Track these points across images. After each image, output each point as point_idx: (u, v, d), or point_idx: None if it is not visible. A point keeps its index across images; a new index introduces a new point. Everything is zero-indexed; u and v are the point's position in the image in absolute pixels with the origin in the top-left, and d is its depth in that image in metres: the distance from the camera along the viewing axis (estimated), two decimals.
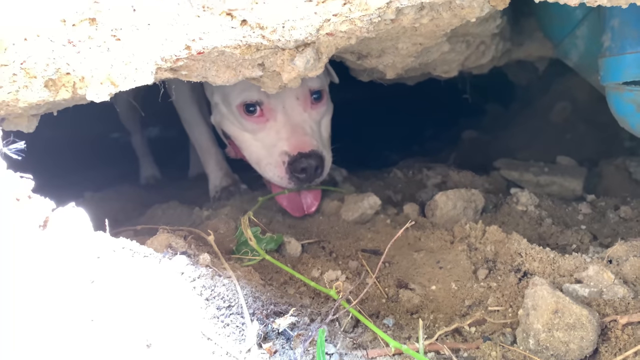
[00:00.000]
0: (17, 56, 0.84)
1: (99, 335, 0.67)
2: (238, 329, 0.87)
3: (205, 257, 1.04)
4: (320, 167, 1.55)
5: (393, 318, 1.02)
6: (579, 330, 0.81)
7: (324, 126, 1.70)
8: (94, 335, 0.66)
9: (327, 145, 1.68)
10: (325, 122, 1.72)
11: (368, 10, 0.79)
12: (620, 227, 1.40)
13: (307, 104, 1.62)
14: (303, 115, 1.61)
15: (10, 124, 1.13)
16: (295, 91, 1.57)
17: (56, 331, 0.63)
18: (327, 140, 1.71)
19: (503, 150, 2.38)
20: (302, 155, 1.52)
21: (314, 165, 1.52)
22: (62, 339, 0.63)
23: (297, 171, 1.52)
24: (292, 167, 1.52)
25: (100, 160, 3.08)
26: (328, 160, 1.60)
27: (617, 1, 0.77)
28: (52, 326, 0.63)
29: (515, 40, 1.88)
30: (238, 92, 1.59)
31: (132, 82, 0.91)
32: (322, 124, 1.69)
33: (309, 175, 1.53)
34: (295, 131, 1.57)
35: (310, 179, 1.55)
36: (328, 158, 1.61)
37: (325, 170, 1.59)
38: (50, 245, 0.69)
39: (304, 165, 1.52)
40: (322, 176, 1.59)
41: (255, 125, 1.60)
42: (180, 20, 0.80)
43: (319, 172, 1.55)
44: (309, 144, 1.55)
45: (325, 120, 1.72)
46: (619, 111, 1.31)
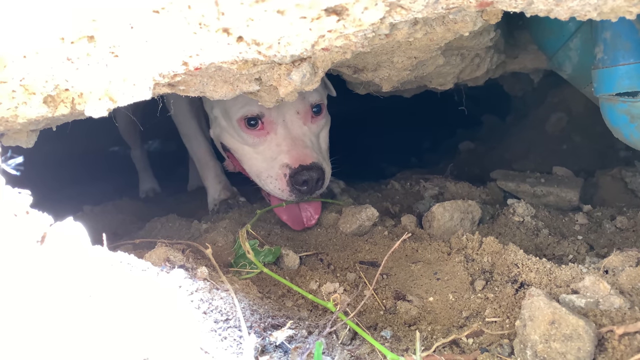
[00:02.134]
0: (16, 73, 0.85)
1: (97, 350, 0.67)
2: (236, 342, 0.87)
3: (203, 270, 1.05)
4: (321, 180, 1.56)
5: (391, 330, 1.02)
6: (576, 341, 0.81)
7: (322, 138, 1.72)
8: (92, 350, 0.66)
9: (326, 157, 1.70)
10: (324, 134, 1.73)
11: (362, 26, 0.80)
12: (616, 237, 1.41)
13: (307, 117, 1.64)
14: (303, 128, 1.63)
15: (9, 139, 1.14)
16: (295, 105, 1.59)
17: (54, 346, 0.63)
18: (326, 153, 1.72)
19: (499, 161, 2.39)
20: (303, 167, 1.53)
21: (316, 177, 1.53)
22: (60, 354, 0.63)
23: (299, 183, 1.53)
24: (294, 180, 1.53)
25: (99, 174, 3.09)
26: (328, 172, 1.62)
27: (606, 15, 0.79)
28: (50, 341, 0.63)
29: (509, 52, 1.90)
30: (239, 106, 1.60)
31: (130, 98, 0.92)
32: (320, 137, 1.71)
33: (310, 187, 1.54)
34: (296, 144, 1.58)
35: (311, 191, 1.56)
36: (328, 170, 1.62)
37: (326, 182, 1.60)
38: (48, 260, 0.69)
39: (305, 178, 1.53)
40: (323, 188, 1.60)
41: (256, 138, 1.62)
42: (177, 37, 0.81)
43: (319, 184, 1.56)
44: (310, 156, 1.56)
45: (324, 133, 1.73)
46: (613, 122, 1.32)
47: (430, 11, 0.84)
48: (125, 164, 2.92)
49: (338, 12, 0.77)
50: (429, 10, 0.83)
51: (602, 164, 2.00)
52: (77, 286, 0.72)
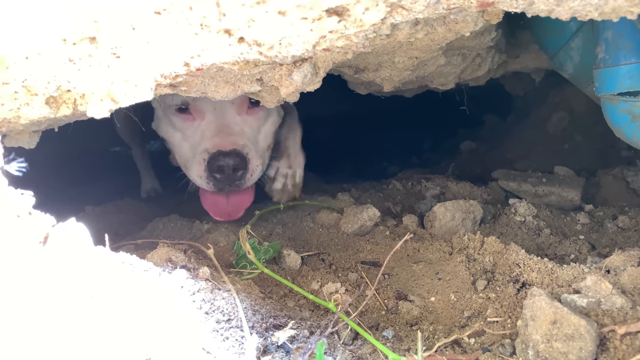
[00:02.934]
0: (18, 74, 0.85)
1: (99, 351, 0.67)
2: (237, 342, 0.87)
3: (205, 270, 1.05)
4: (243, 169, 1.48)
5: (392, 330, 1.02)
6: (578, 340, 0.81)
7: (263, 134, 1.64)
8: (94, 351, 0.67)
9: (264, 154, 1.63)
10: (266, 130, 1.66)
11: (363, 26, 0.80)
12: (618, 236, 1.40)
13: (243, 108, 1.58)
14: (236, 118, 1.57)
15: (11, 140, 1.14)
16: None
17: (56, 346, 0.63)
18: (265, 149, 1.64)
19: (501, 161, 2.39)
20: (220, 153, 1.45)
21: (232, 164, 1.45)
22: (63, 355, 0.63)
23: (214, 170, 1.46)
24: (210, 166, 1.46)
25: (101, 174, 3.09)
26: (257, 165, 1.53)
27: (607, 15, 0.79)
28: (53, 342, 0.63)
29: (510, 52, 1.90)
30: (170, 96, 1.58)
31: (132, 99, 0.92)
32: (261, 131, 1.64)
33: (227, 175, 1.46)
34: (221, 130, 1.52)
35: (229, 181, 1.48)
36: (258, 164, 1.54)
37: (251, 175, 1.51)
38: (51, 261, 0.70)
39: (221, 164, 1.45)
40: (246, 181, 1.52)
41: (184, 123, 1.58)
42: (179, 38, 0.81)
43: (240, 174, 1.48)
44: (233, 143, 1.48)
45: (266, 129, 1.66)
46: (615, 122, 1.32)
47: (431, 11, 0.84)
48: (126, 164, 2.92)
49: (339, 12, 0.77)
50: (430, 10, 0.83)
51: (603, 164, 2.00)
52: (79, 287, 0.72)
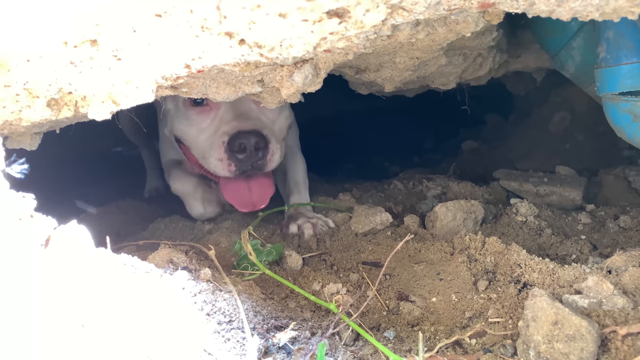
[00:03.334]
0: (20, 77, 0.86)
1: (100, 352, 0.68)
2: (239, 343, 0.87)
3: (206, 271, 1.05)
4: (264, 149, 1.45)
5: (394, 330, 1.02)
6: (579, 341, 0.81)
7: (277, 127, 1.63)
8: (95, 352, 0.67)
9: (281, 144, 1.60)
10: (280, 124, 1.65)
11: (364, 28, 0.80)
12: (620, 236, 1.40)
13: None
14: (252, 106, 1.55)
15: (13, 142, 1.15)
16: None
17: (58, 348, 0.63)
18: (281, 140, 1.62)
19: (502, 161, 2.39)
20: (241, 132, 1.43)
21: (254, 141, 1.43)
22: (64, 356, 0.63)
23: (236, 149, 1.43)
24: (230, 146, 1.43)
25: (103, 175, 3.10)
26: (276, 148, 1.51)
27: (608, 15, 0.78)
28: (54, 343, 0.64)
29: (512, 52, 1.89)
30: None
31: (133, 101, 0.92)
32: (276, 124, 1.62)
33: (249, 154, 1.44)
34: (239, 115, 1.50)
35: (252, 159, 1.45)
36: (277, 147, 1.51)
37: (272, 155, 1.49)
38: (52, 263, 0.70)
39: (242, 141, 1.42)
40: (267, 162, 1.49)
41: (201, 116, 1.55)
42: (180, 40, 0.81)
43: (262, 154, 1.46)
44: (251, 124, 1.46)
45: (281, 123, 1.65)
46: (616, 121, 1.32)
47: (431, 12, 0.84)
48: (128, 164, 2.93)
49: (340, 14, 0.77)
50: (430, 11, 0.83)
51: (605, 163, 2.00)
52: (80, 289, 0.73)
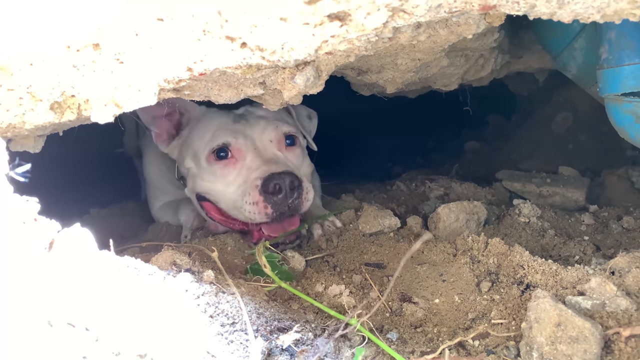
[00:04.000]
0: (23, 80, 0.86)
1: (103, 355, 0.68)
2: (242, 345, 0.87)
3: (210, 273, 1.05)
4: (298, 188, 1.44)
5: (397, 332, 1.02)
6: (582, 343, 0.81)
7: (304, 172, 1.62)
8: (98, 355, 0.67)
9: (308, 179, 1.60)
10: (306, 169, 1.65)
11: (365, 30, 0.80)
12: (623, 237, 1.40)
13: (282, 145, 1.58)
14: (277, 153, 1.56)
15: (17, 144, 1.15)
16: (267, 134, 1.56)
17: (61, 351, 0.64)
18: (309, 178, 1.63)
19: (505, 161, 2.39)
20: (274, 174, 1.42)
21: (288, 180, 1.41)
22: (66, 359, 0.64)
23: (271, 191, 1.41)
24: (265, 188, 1.41)
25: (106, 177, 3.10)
26: (309, 189, 1.49)
27: (610, 17, 0.78)
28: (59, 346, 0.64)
29: (514, 52, 1.89)
30: (206, 142, 1.56)
31: (135, 103, 0.93)
32: (302, 170, 1.61)
33: (285, 194, 1.41)
34: (268, 161, 1.49)
35: (287, 199, 1.42)
36: (308, 186, 1.50)
37: (307, 193, 1.47)
38: (56, 266, 0.70)
39: (276, 181, 1.40)
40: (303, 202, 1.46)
41: (227, 169, 1.53)
42: (182, 43, 0.81)
43: (296, 193, 1.43)
44: (281, 167, 1.46)
45: (305, 169, 1.64)
46: (619, 122, 1.32)
47: (433, 15, 0.84)
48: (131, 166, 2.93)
49: (341, 17, 0.77)
50: (431, 14, 0.83)
51: (608, 164, 1.99)
52: (84, 291, 0.73)
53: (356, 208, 1.66)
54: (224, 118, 1.62)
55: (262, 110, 1.62)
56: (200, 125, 1.64)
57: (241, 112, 1.65)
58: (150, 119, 1.69)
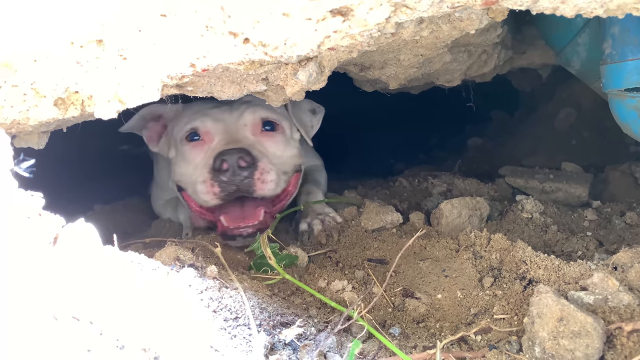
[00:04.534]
0: (27, 77, 0.87)
1: (107, 349, 0.68)
2: (245, 340, 0.88)
3: (213, 269, 1.06)
4: (251, 167, 1.34)
5: (399, 327, 1.02)
6: (585, 337, 0.81)
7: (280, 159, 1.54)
8: (102, 349, 0.68)
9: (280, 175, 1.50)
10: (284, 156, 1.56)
11: (367, 26, 0.80)
12: (626, 233, 1.40)
13: (257, 130, 1.53)
14: (248, 137, 1.50)
15: (21, 141, 1.16)
16: (243, 119, 1.53)
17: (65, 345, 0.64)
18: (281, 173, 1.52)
19: (508, 157, 2.38)
20: (225, 151, 1.34)
21: (236, 157, 1.32)
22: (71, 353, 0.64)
23: (217, 167, 1.32)
24: (214, 164, 1.34)
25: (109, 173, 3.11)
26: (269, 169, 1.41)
27: (613, 12, 0.78)
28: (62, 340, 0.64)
29: (517, 48, 1.89)
30: (181, 128, 1.56)
31: (139, 99, 0.93)
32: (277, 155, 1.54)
33: (232, 171, 1.33)
34: (231, 142, 1.43)
35: (236, 178, 1.33)
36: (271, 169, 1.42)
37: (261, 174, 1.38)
38: (61, 261, 0.71)
39: (224, 157, 1.32)
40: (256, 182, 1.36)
41: (194, 151, 1.51)
42: (185, 39, 0.82)
43: (248, 173, 1.34)
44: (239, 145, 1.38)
45: (284, 155, 1.57)
46: (622, 118, 1.31)
47: (435, 10, 0.84)
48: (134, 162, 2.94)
49: (343, 13, 0.78)
50: (434, 9, 0.83)
51: (611, 160, 1.99)
52: (88, 286, 0.73)
53: (358, 204, 1.66)
54: (204, 104, 1.60)
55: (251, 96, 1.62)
56: (181, 117, 1.64)
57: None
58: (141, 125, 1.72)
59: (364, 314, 1.01)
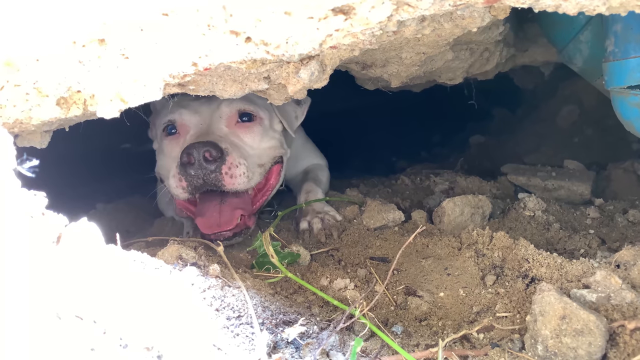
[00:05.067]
0: (29, 76, 0.87)
1: (110, 348, 0.69)
2: (248, 338, 0.88)
3: (215, 267, 1.06)
4: (218, 160, 1.32)
5: (402, 325, 1.03)
6: (587, 335, 0.81)
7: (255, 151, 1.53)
8: (105, 348, 0.68)
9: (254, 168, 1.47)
10: (260, 147, 1.55)
11: (369, 24, 0.80)
12: (628, 231, 1.40)
13: (232, 122, 1.52)
14: (221, 128, 1.49)
15: (23, 140, 1.16)
16: (219, 111, 1.52)
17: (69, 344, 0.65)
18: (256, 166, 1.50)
19: (510, 155, 2.38)
20: (193, 144, 1.32)
21: (202, 150, 1.30)
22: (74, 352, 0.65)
23: (184, 160, 1.31)
24: (181, 160, 1.32)
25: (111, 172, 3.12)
26: (238, 163, 1.37)
27: (615, 9, 0.78)
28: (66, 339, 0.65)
29: (519, 46, 1.89)
30: (161, 118, 1.56)
31: (141, 99, 0.93)
32: (253, 147, 1.52)
33: (198, 164, 1.30)
34: (202, 134, 1.42)
35: (202, 171, 1.31)
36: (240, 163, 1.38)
37: (229, 169, 1.34)
38: (64, 260, 0.71)
39: (189, 151, 1.30)
40: (224, 177, 1.33)
41: (171, 145, 1.52)
42: (186, 38, 0.82)
43: (215, 167, 1.31)
44: (208, 139, 1.36)
45: (260, 146, 1.55)
46: (624, 115, 1.31)
47: (437, 8, 0.84)
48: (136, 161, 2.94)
49: (345, 11, 0.77)
50: (436, 7, 0.83)
51: (614, 157, 1.98)
52: (92, 285, 0.74)
53: (360, 203, 1.66)
54: (185, 98, 1.57)
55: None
56: (164, 109, 1.62)
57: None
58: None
59: (366, 312, 1.01)
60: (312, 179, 1.82)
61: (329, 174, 1.97)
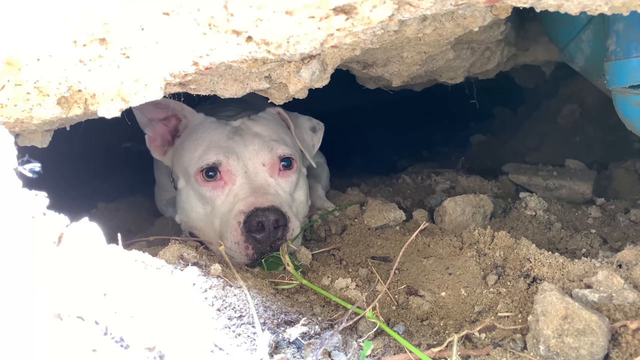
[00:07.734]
0: (30, 75, 0.87)
1: (112, 348, 0.69)
2: (249, 338, 0.88)
3: (217, 267, 1.06)
4: (283, 227, 1.33)
5: (403, 325, 1.02)
6: (589, 335, 0.81)
7: (298, 199, 1.54)
8: (107, 348, 0.68)
9: (299, 217, 1.49)
10: (300, 195, 1.56)
11: (371, 23, 0.80)
12: (630, 230, 1.40)
13: (275, 170, 1.49)
14: (268, 180, 1.46)
15: (24, 139, 1.16)
16: (260, 156, 1.47)
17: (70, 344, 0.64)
18: (301, 214, 1.53)
19: (512, 154, 2.38)
20: (258, 209, 1.31)
21: (273, 219, 1.30)
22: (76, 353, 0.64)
23: (253, 228, 1.30)
24: (248, 225, 1.30)
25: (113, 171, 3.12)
26: (296, 227, 1.38)
27: (618, 9, 0.78)
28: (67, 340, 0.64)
29: (520, 45, 1.88)
30: (197, 159, 1.48)
31: (142, 98, 0.93)
32: (295, 197, 1.53)
33: (268, 233, 1.30)
34: (256, 192, 1.39)
35: (270, 240, 1.31)
36: (296, 226, 1.38)
37: (291, 235, 1.35)
38: (65, 260, 0.71)
39: (260, 219, 1.30)
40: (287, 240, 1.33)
41: (214, 191, 1.44)
42: (187, 37, 0.82)
43: (281, 232, 1.32)
44: (269, 200, 1.35)
45: (300, 194, 1.56)
46: (626, 115, 1.31)
47: (439, 7, 0.83)
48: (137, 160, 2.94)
49: (346, 11, 0.77)
50: (437, 6, 0.83)
51: (615, 156, 1.98)
52: (93, 285, 0.73)
53: (361, 202, 1.66)
54: (218, 132, 1.53)
55: (259, 125, 1.55)
56: (193, 136, 1.55)
57: (238, 124, 1.56)
58: (146, 121, 1.61)
59: (371, 310, 1.01)
60: (312, 176, 1.83)
61: (328, 171, 1.97)
